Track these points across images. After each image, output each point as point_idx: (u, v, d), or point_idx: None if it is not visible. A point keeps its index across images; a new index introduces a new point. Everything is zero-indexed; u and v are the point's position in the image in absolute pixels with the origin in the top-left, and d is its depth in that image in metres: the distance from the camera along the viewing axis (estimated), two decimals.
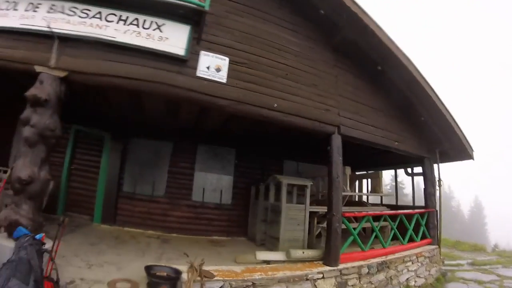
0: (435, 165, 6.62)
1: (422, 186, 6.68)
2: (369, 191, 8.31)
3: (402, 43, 5.28)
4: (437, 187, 6.64)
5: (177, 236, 6.80)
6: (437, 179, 6.62)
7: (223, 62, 4.05)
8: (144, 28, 3.79)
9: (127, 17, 3.81)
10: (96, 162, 7.21)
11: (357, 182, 8.58)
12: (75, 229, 5.77)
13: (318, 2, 4.78)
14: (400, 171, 7.98)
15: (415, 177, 7.42)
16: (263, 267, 4.16)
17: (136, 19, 3.82)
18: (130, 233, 6.54)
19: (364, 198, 8.42)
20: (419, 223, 6.08)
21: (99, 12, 3.80)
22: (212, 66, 3.99)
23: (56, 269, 3.25)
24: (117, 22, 3.78)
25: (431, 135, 6.37)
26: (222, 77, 4.02)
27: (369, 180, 8.35)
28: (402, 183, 26.85)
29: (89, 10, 3.81)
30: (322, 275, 4.20)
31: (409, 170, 7.42)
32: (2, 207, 4.05)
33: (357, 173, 8.61)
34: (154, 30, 3.81)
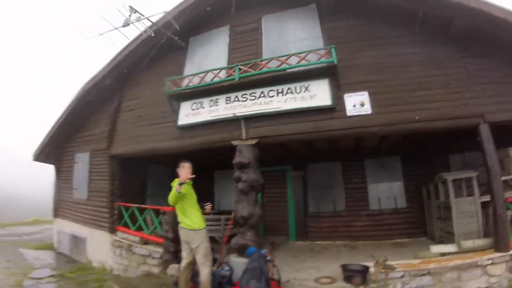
0: None
1: None
2: None
3: None
4: None
5: (362, 243, 7.34)
6: None
7: (364, 96, 4.75)
8: (297, 93, 4.96)
9: (283, 89, 5.08)
10: (283, 192, 8.71)
11: None
12: (277, 247, 6.90)
13: (418, 4, 4.83)
14: None
15: None
16: (438, 259, 4.53)
17: (289, 88, 5.04)
18: (321, 245, 7.49)
19: None
20: None
21: (262, 92, 5.21)
22: (357, 103, 4.73)
23: (278, 272, 4.60)
24: (277, 95, 5.09)
25: None
26: (367, 109, 4.71)
27: None
28: None
29: (254, 93, 5.28)
30: (491, 261, 4.26)
31: None
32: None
33: None
34: (304, 92, 4.93)
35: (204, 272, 3.99)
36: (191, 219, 4.06)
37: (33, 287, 6.12)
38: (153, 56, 7.15)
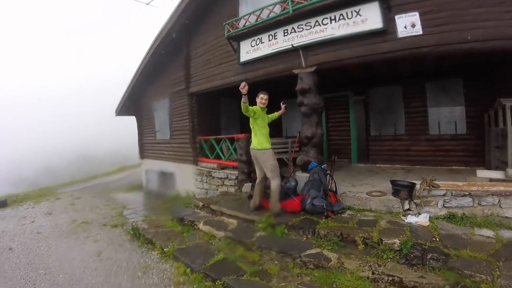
0: None
1: None
2: None
3: None
4: None
5: (419, 168, 7.65)
6: None
7: (415, 17, 4.71)
8: (348, 18, 5.19)
9: (335, 16, 5.33)
10: (346, 117, 9.27)
11: None
12: (338, 168, 7.54)
13: None
14: None
15: None
16: (482, 183, 4.59)
17: (341, 14, 5.26)
18: (380, 168, 8.15)
19: None
20: None
21: (316, 21, 5.57)
22: (408, 24, 4.74)
23: (335, 184, 5.38)
24: (331, 22, 5.39)
25: None
26: (418, 30, 4.62)
27: None
28: None
29: (309, 22, 5.68)
30: None
31: None
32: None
33: None
34: (355, 17, 5.12)
35: (274, 184, 4.98)
36: (259, 141, 4.99)
37: (132, 214, 7.90)
38: (209, 5, 7.85)
